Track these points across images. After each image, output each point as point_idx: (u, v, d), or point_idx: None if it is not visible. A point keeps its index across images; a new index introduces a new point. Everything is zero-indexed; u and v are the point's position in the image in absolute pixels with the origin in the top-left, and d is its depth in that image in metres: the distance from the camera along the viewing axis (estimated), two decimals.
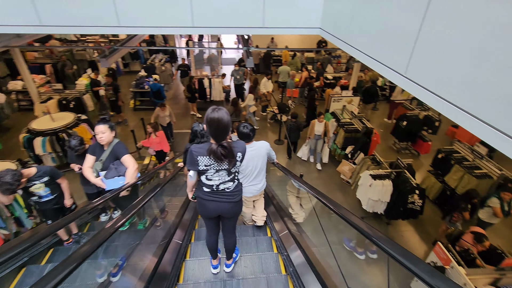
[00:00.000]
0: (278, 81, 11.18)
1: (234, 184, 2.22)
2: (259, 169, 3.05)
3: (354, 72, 8.68)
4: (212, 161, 2.01)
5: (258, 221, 3.54)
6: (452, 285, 1.14)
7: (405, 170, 5.23)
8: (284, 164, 7.71)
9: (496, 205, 4.50)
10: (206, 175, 2.10)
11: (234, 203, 2.29)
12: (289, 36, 15.09)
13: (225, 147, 1.93)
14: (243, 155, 2.11)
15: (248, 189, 3.16)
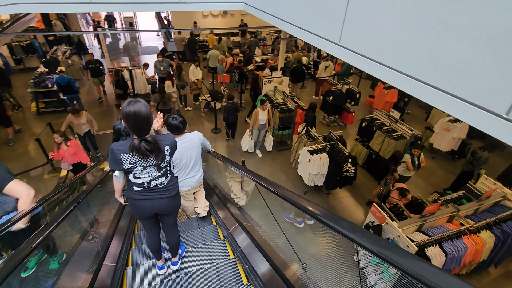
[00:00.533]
0: (207, 66, 10.72)
1: (167, 179, 2.14)
2: (194, 161, 3.00)
3: (281, 53, 8.80)
4: (137, 158, 1.90)
5: (202, 212, 3.51)
6: (371, 237, 1.37)
7: (337, 142, 5.58)
8: (225, 147, 7.53)
9: (408, 160, 5.18)
10: (133, 173, 1.98)
11: (170, 198, 2.20)
12: (213, 20, 14.56)
13: (149, 142, 1.81)
14: (171, 148, 2.03)
15: (185, 182, 3.10)
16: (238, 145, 7.64)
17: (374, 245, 1.33)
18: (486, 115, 1.07)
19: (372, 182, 6.55)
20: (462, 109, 1.16)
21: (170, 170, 2.18)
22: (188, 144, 2.92)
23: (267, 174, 6.69)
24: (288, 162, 7.08)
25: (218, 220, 3.65)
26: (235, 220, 3.44)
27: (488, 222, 4.03)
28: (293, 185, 6.38)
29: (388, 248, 1.28)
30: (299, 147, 6.07)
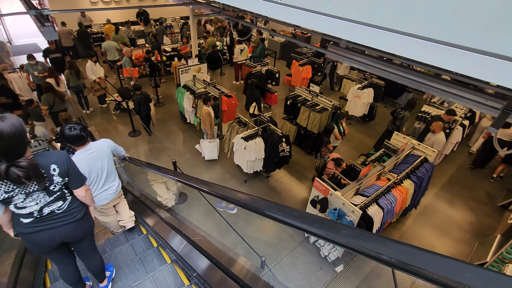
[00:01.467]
0: (107, 61, 9.27)
1: (66, 202, 1.85)
2: (107, 171, 2.72)
3: (193, 38, 8.18)
4: (14, 186, 1.59)
5: (128, 224, 3.25)
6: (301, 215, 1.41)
7: (269, 124, 5.50)
8: (150, 150, 6.70)
9: (335, 130, 5.50)
10: (14, 204, 1.66)
11: (77, 223, 1.91)
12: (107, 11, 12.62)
13: (22, 167, 1.50)
14: (60, 165, 1.73)
15: (101, 196, 2.81)
16: (166, 144, 6.90)
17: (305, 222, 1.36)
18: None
19: (305, 156, 6.82)
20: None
21: (69, 191, 1.88)
22: (95, 155, 2.60)
23: (203, 170, 6.24)
24: (222, 153, 6.75)
25: (148, 228, 3.38)
26: (167, 224, 3.25)
27: (407, 172, 4.59)
28: (232, 176, 6.12)
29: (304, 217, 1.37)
30: (231, 136, 5.79)
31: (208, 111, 5.92)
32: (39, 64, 6.93)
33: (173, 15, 13.46)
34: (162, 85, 9.45)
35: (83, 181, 1.94)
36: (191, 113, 6.96)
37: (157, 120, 7.96)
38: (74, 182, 1.87)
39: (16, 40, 12.67)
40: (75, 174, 1.86)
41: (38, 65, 6.87)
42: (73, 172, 1.84)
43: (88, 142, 2.61)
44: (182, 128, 7.66)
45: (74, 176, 1.85)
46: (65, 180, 1.80)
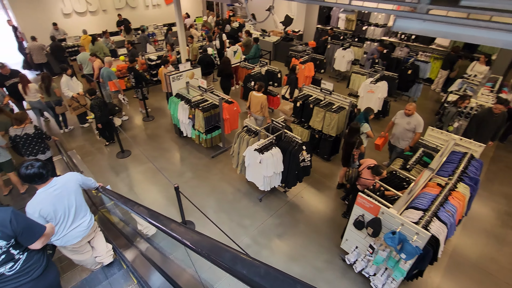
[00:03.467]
0: (85, 75, 8.28)
1: (18, 262, 1.68)
2: (75, 207, 2.52)
3: (181, 42, 7.32)
4: None
5: (105, 260, 3.00)
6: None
7: (284, 130, 4.67)
8: (143, 172, 5.71)
9: (368, 129, 4.74)
10: None
11: (33, 282, 1.75)
12: (80, 19, 11.67)
13: None
14: (4, 229, 1.55)
15: (71, 235, 2.58)
16: (161, 164, 5.93)
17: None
18: None
19: (322, 163, 6.01)
20: None
21: (20, 250, 1.70)
22: (60, 192, 2.39)
23: (207, 190, 5.32)
24: (227, 168, 5.87)
25: (128, 265, 3.00)
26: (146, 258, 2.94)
27: (458, 174, 3.83)
28: (243, 195, 5.22)
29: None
30: (240, 148, 4.92)
31: (265, 97, 5.80)
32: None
33: (155, 23, 12.57)
34: (149, 96, 8.50)
35: (39, 234, 1.76)
36: (188, 125, 6.05)
37: (148, 136, 7.00)
38: (26, 240, 1.70)
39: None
40: (27, 232, 1.68)
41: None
42: (24, 230, 1.67)
43: (51, 179, 2.39)
44: (178, 143, 6.72)
45: (26, 234, 1.68)
46: (11, 242, 1.63)
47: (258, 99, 5.80)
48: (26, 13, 10.42)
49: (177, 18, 6.95)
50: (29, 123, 4.55)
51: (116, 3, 12.34)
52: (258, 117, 6.07)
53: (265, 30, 12.05)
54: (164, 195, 5.24)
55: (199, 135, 6.01)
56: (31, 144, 4.58)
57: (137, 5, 12.96)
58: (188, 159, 6.17)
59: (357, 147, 4.29)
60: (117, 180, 5.63)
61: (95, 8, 11.89)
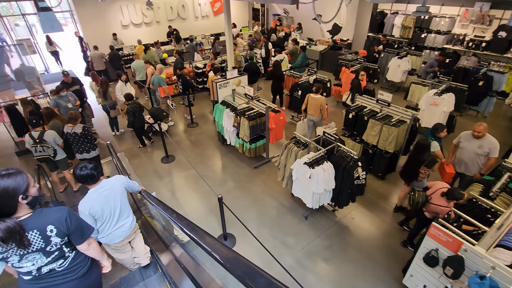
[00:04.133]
0: (137, 82, 8.68)
1: (67, 260, 1.76)
2: (120, 209, 2.62)
3: (229, 51, 7.33)
4: (6, 246, 1.50)
5: (143, 261, 3.10)
6: None
7: (338, 143, 4.25)
8: (185, 177, 5.65)
9: (437, 148, 4.11)
10: (11, 263, 1.60)
11: (78, 280, 1.81)
12: (136, 30, 12.49)
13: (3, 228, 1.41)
14: (58, 226, 1.63)
15: (115, 234, 2.68)
16: (203, 171, 5.83)
17: None
18: None
19: (376, 181, 5.42)
20: None
21: (70, 248, 1.77)
22: (107, 193, 2.52)
23: (249, 202, 5.06)
24: (271, 180, 5.57)
25: (163, 269, 3.09)
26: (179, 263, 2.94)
27: None
28: (288, 211, 4.86)
29: None
30: (287, 160, 4.60)
31: (324, 99, 5.73)
32: (69, 94, 6.21)
33: (203, 33, 12.99)
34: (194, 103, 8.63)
35: (87, 235, 1.84)
36: (232, 133, 5.91)
37: (192, 142, 7.02)
38: (76, 239, 1.78)
39: (53, 70, 12.77)
40: (77, 232, 1.76)
41: (68, 95, 6.16)
42: (76, 230, 1.74)
43: (101, 180, 2.53)
44: (221, 151, 6.62)
45: (77, 233, 1.75)
46: (64, 240, 1.71)
47: (317, 101, 5.69)
48: (91, 25, 11.42)
49: (226, 28, 7.00)
50: (79, 123, 4.85)
51: (168, 15, 13.03)
52: (315, 118, 5.93)
53: (311, 39, 11.74)
54: (205, 203, 5.10)
55: (243, 144, 5.82)
56: (78, 143, 4.90)
57: (187, 17, 13.55)
58: (230, 168, 6.00)
59: (429, 166, 3.70)
60: (160, 184, 5.65)
61: (149, 20, 12.66)
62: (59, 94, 5.85)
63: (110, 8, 11.53)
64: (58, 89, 5.87)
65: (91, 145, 4.99)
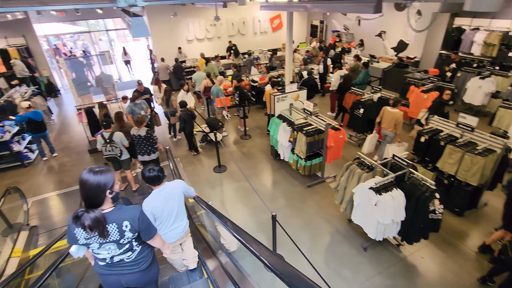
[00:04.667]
0: (196, 92, 9.08)
1: (134, 253, 1.96)
2: (177, 211, 2.76)
3: (288, 65, 7.26)
4: (92, 233, 1.74)
5: (191, 264, 3.22)
6: None
7: (410, 169, 3.75)
8: (235, 189, 5.55)
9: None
10: (91, 249, 1.85)
11: (141, 273, 2.02)
12: (199, 45, 13.28)
13: (89, 217, 1.66)
14: (132, 222, 1.82)
15: (170, 235, 2.82)
16: (254, 184, 5.70)
17: None
18: None
19: (452, 217, 4.66)
20: None
21: (138, 243, 1.96)
22: (168, 195, 2.68)
23: (301, 223, 4.73)
24: (325, 202, 5.18)
25: (209, 274, 3.19)
26: (225, 270, 3.05)
27: None
28: (343, 238, 4.42)
29: None
30: (348, 182, 4.21)
31: (401, 113, 5.43)
32: (142, 102, 6.68)
33: (260, 48, 13.29)
34: (254, 115, 8.68)
35: (153, 234, 2.00)
36: (287, 148, 5.70)
37: (243, 154, 6.98)
38: (144, 236, 1.95)
39: (124, 78, 14.23)
40: (146, 230, 1.93)
41: (141, 103, 6.59)
42: (145, 229, 1.91)
43: (164, 182, 2.69)
44: (273, 165, 6.44)
45: (145, 232, 1.93)
46: (135, 235, 1.89)
47: (393, 115, 5.41)
48: (160, 39, 12.48)
49: (287, 42, 6.98)
50: (144, 127, 5.17)
51: (229, 31, 13.64)
52: (389, 133, 5.62)
53: (373, 56, 11.15)
54: (255, 219, 4.91)
55: (297, 161, 5.56)
56: (141, 145, 5.21)
57: (246, 32, 14.03)
58: (282, 184, 5.77)
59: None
60: (212, 193, 5.65)
61: (212, 35, 13.39)
62: (134, 101, 6.35)
63: (179, 23, 12.50)
64: (134, 97, 6.38)
65: (152, 148, 5.27)
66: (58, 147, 7.75)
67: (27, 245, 4.57)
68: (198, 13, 12.69)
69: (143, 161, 5.47)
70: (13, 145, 6.74)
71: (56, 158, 7.28)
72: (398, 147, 5.44)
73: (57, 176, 6.51)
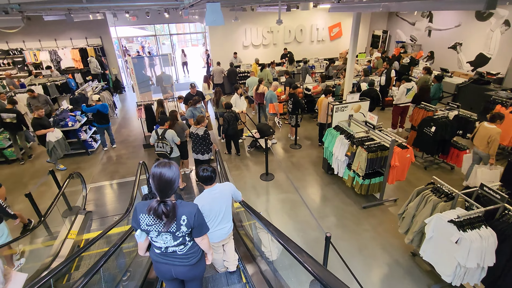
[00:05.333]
0: (248, 96, 9.03)
1: (186, 247, 2.07)
2: (224, 212, 2.83)
3: (348, 75, 6.80)
4: (154, 221, 1.90)
5: (230, 267, 3.22)
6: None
7: (505, 205, 3.05)
8: (282, 201, 5.22)
9: None
10: (150, 236, 1.99)
11: (190, 267, 2.13)
12: (254, 51, 13.41)
13: (167, 205, 1.82)
14: (189, 218, 1.94)
15: (215, 234, 2.90)
16: (303, 197, 5.32)
17: None
18: None
19: None
20: None
21: (190, 238, 2.07)
22: (218, 195, 2.75)
23: (354, 248, 4.22)
24: (384, 227, 4.59)
25: (247, 278, 3.19)
26: (264, 278, 3.05)
27: None
28: (406, 273, 3.79)
29: None
30: (418, 210, 3.61)
31: (499, 131, 4.65)
32: (201, 106, 6.82)
33: (316, 56, 12.91)
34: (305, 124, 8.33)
35: (204, 232, 2.08)
36: (343, 162, 5.22)
37: (292, 164, 6.64)
38: (196, 233, 2.05)
39: (181, 80, 14.99)
40: (199, 227, 2.02)
41: (201, 107, 6.73)
42: (198, 226, 2.00)
43: (215, 183, 2.75)
44: (324, 179, 5.99)
45: (198, 229, 2.02)
46: (189, 230, 1.99)
47: (487, 131, 4.70)
48: (218, 44, 12.88)
49: (350, 51, 6.58)
50: (203, 126, 5.21)
51: (286, 38, 13.54)
52: (480, 152, 4.93)
53: (445, 69, 10.00)
54: (301, 235, 4.52)
55: (353, 177, 5.05)
56: (198, 143, 5.28)
57: (303, 40, 13.78)
58: (333, 201, 5.29)
59: None
60: (257, 201, 5.41)
61: (268, 42, 13.42)
62: (195, 105, 6.47)
63: (237, 29, 12.77)
64: (195, 102, 6.51)
65: (207, 148, 5.32)
66: (118, 140, 8.28)
67: (82, 228, 4.81)
68: (257, 19, 12.84)
69: (196, 160, 5.52)
70: (81, 134, 7.35)
71: (115, 149, 7.77)
72: (490, 170, 4.62)
73: (114, 167, 6.90)
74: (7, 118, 6.45)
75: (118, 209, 5.42)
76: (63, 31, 11.72)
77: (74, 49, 11.73)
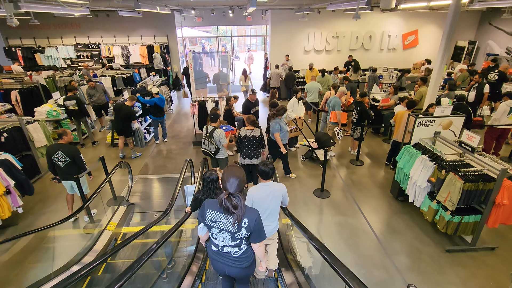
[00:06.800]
0: (306, 102, 8.30)
1: (241, 250, 2.13)
2: (271, 210, 2.90)
3: (433, 88, 5.66)
4: (218, 217, 2.01)
5: (270, 265, 3.17)
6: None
7: None
8: (336, 212, 4.37)
9: None
10: (211, 232, 2.11)
11: (241, 269, 2.20)
12: (316, 56, 12.69)
13: (235, 197, 1.90)
14: (251, 223, 1.99)
15: None
16: (366, 226, 4.40)
17: None
18: None
19: None
20: None
21: (246, 243, 2.13)
22: (269, 192, 2.85)
23: None
24: (476, 282, 3.46)
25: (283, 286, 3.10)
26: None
27: None
28: None
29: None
30: None
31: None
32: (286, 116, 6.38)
33: (385, 65, 11.62)
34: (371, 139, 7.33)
35: (262, 239, 2.09)
36: (423, 189, 4.19)
37: (352, 182, 5.73)
38: (254, 238, 2.08)
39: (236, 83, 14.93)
40: (257, 233, 2.04)
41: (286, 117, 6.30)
42: (257, 231, 2.03)
43: (270, 180, 2.89)
44: (393, 206, 4.96)
45: (256, 234, 2.05)
46: (247, 234, 2.04)
47: None
48: (277, 48, 12.45)
49: (438, 62, 5.49)
50: (257, 128, 4.75)
51: (352, 45, 12.54)
52: None
53: None
54: (364, 273, 3.63)
55: (436, 210, 3.99)
56: (248, 146, 4.79)
57: (371, 48, 12.62)
58: (404, 236, 4.27)
59: None
60: (308, 220, 4.66)
61: (331, 47, 12.57)
62: (280, 117, 6.02)
63: (300, 32, 12.21)
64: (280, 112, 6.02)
65: (257, 153, 4.78)
66: (170, 134, 8.27)
67: (122, 221, 4.61)
68: (322, 23, 12.13)
69: (242, 165, 4.97)
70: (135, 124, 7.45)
71: (166, 144, 7.73)
72: None
73: (163, 161, 6.78)
74: (70, 105, 6.77)
75: (160, 205, 5.16)
76: (135, 29, 12.51)
77: (142, 46, 12.42)
